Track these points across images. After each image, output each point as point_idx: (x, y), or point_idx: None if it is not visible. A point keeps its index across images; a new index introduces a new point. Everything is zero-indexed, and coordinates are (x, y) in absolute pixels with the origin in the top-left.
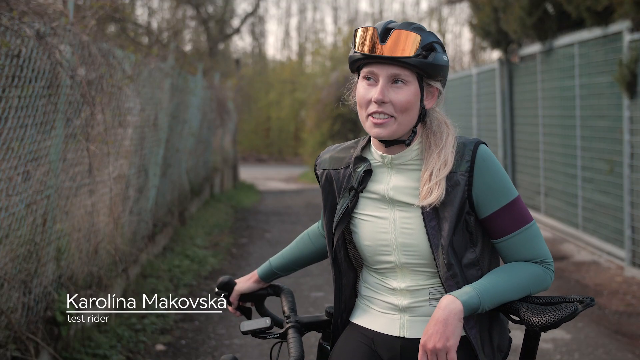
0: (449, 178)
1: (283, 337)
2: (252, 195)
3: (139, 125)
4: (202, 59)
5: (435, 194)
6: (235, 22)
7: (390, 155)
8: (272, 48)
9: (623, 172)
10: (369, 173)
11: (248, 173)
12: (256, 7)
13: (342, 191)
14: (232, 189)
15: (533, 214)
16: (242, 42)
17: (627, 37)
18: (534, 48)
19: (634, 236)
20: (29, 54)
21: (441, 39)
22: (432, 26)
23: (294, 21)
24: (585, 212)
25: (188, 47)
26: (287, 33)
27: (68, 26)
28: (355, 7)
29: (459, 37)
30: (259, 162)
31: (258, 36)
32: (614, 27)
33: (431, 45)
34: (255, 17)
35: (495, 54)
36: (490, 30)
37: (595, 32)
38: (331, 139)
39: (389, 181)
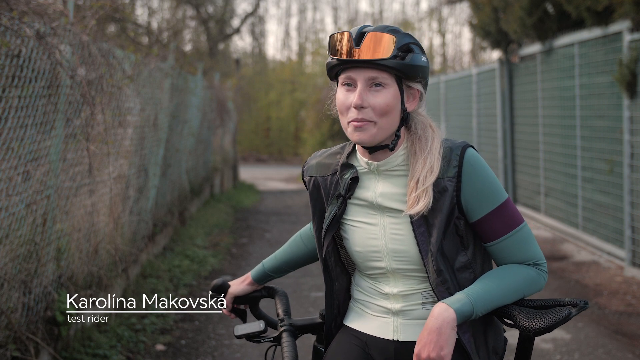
0: (436, 184)
1: (277, 340)
2: (252, 195)
3: (139, 125)
4: (202, 59)
5: (422, 202)
6: (235, 22)
7: (376, 162)
8: (272, 48)
9: (623, 172)
10: (355, 180)
11: (248, 173)
12: (256, 7)
13: (330, 198)
14: (232, 189)
15: (533, 214)
16: (242, 42)
17: (627, 37)
18: (534, 48)
19: (634, 236)
20: (29, 54)
21: (441, 39)
22: (432, 26)
23: (294, 21)
24: (585, 212)
25: (188, 47)
26: (287, 33)
27: (68, 26)
28: (355, 7)
29: (459, 37)
30: (259, 162)
31: (258, 36)
32: (614, 27)
33: (408, 47)
34: (255, 17)
35: (495, 54)
36: (490, 30)
37: (595, 32)
38: (331, 139)
39: (376, 188)
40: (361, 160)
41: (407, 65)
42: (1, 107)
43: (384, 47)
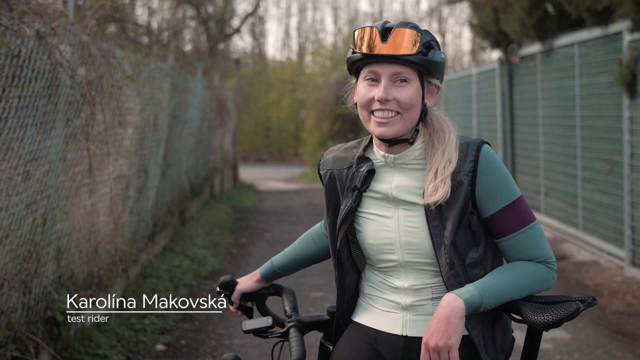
0: (453, 178)
1: (284, 336)
2: (252, 195)
3: (139, 125)
4: (202, 59)
5: (440, 192)
6: (235, 22)
7: (392, 155)
8: (272, 48)
9: (623, 172)
10: (371, 173)
11: (248, 173)
12: (256, 7)
13: (346, 191)
14: (232, 189)
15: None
16: (242, 42)
17: (627, 37)
18: (534, 48)
19: (634, 236)
20: (29, 54)
21: (441, 39)
22: (432, 26)
23: (294, 21)
24: (585, 212)
25: (188, 47)
26: (287, 33)
27: (68, 26)
28: (355, 7)
29: (459, 37)
30: (259, 162)
31: (258, 36)
32: (614, 27)
33: (429, 43)
34: (255, 17)
35: (495, 54)
36: (490, 30)
37: (595, 32)
38: (331, 139)
39: (392, 181)
40: (377, 153)
41: (429, 62)
42: (1, 107)
43: (410, 43)
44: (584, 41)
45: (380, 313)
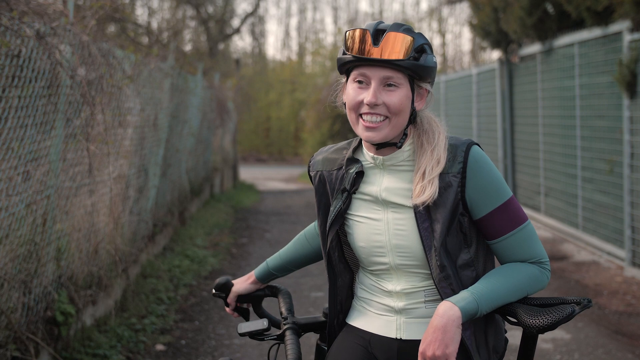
0: (441, 179)
1: (280, 338)
2: (252, 195)
3: (139, 125)
4: (202, 59)
5: (428, 192)
6: (235, 22)
7: (381, 157)
8: (272, 48)
9: (623, 172)
10: (360, 174)
11: (248, 173)
12: (256, 7)
13: (335, 193)
14: (232, 189)
15: (533, 214)
16: (242, 42)
17: (627, 37)
18: (534, 48)
19: (634, 236)
20: (29, 54)
21: (441, 39)
22: (432, 26)
23: (294, 21)
24: (585, 212)
25: (188, 47)
26: (287, 33)
27: (68, 26)
28: (355, 7)
29: (459, 37)
30: (259, 162)
31: (258, 36)
32: (614, 27)
33: (422, 47)
34: (255, 17)
35: (495, 54)
36: (490, 30)
37: (595, 32)
38: (331, 138)
39: (381, 182)
40: (367, 155)
41: (421, 67)
42: (1, 107)
43: (402, 47)
44: (584, 41)
45: (374, 316)
